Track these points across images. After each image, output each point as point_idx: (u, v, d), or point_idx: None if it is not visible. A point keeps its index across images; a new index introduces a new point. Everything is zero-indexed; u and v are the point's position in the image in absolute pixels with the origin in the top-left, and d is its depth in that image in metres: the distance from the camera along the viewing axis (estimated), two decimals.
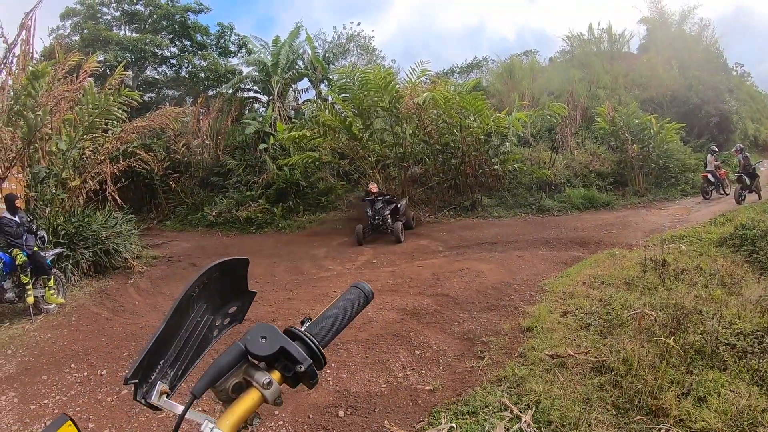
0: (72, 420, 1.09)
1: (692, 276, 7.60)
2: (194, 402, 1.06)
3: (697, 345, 5.10)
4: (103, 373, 6.91)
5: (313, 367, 1.12)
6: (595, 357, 5.30)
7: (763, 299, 6.15)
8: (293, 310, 8.78)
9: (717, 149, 19.01)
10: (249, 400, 1.07)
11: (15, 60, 13.90)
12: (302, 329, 1.19)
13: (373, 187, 15.70)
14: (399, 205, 15.12)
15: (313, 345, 1.15)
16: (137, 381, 1.07)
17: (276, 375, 1.11)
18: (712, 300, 6.38)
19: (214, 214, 21.06)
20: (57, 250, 11.19)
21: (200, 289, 1.22)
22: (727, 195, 17.12)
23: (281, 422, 5.09)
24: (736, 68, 37.19)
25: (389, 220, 14.61)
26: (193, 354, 1.21)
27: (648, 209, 16.15)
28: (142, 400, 1.08)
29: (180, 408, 1.07)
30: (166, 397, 1.11)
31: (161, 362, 1.14)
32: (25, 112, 12.24)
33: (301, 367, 1.10)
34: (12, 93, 13.03)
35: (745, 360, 4.77)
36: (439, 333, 7.04)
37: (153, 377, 1.12)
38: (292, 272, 12.04)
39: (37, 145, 13.01)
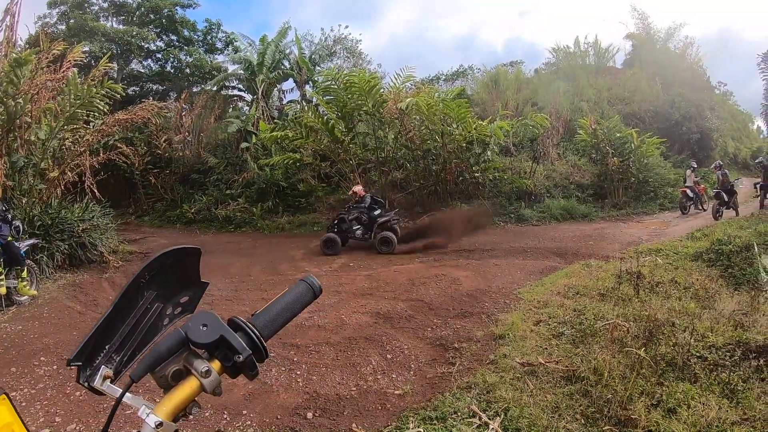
0: (6, 394, 1.05)
1: (667, 289, 7.63)
2: (133, 387, 1.06)
3: (669, 357, 5.11)
4: (73, 368, 6.80)
5: (253, 358, 1.11)
6: (566, 366, 5.28)
7: (736, 313, 6.20)
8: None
9: (696, 165, 19.21)
10: (188, 388, 1.06)
11: None
12: (246, 320, 1.17)
13: (360, 190, 15.02)
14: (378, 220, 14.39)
15: (254, 336, 1.14)
16: (80, 364, 1.08)
17: (216, 364, 1.10)
18: (686, 313, 6.40)
19: (193, 211, 21.04)
20: (32, 241, 11.04)
21: (150, 276, 1.21)
22: (704, 210, 17.28)
23: (248, 422, 5.04)
24: (718, 87, 37.82)
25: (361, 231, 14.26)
26: (141, 341, 1.20)
27: (626, 222, 16.25)
28: (85, 383, 1.08)
29: (121, 393, 1.06)
30: (110, 382, 1.10)
31: (107, 347, 1.14)
32: (5, 99, 12.12)
33: (239, 357, 1.09)
34: None
35: (716, 373, 4.78)
36: (412, 338, 7.00)
37: (97, 361, 1.12)
38: (269, 272, 12.00)
39: (16, 133, 12.84)
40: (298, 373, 6.07)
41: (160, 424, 0.99)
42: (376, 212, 14.25)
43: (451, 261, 11.73)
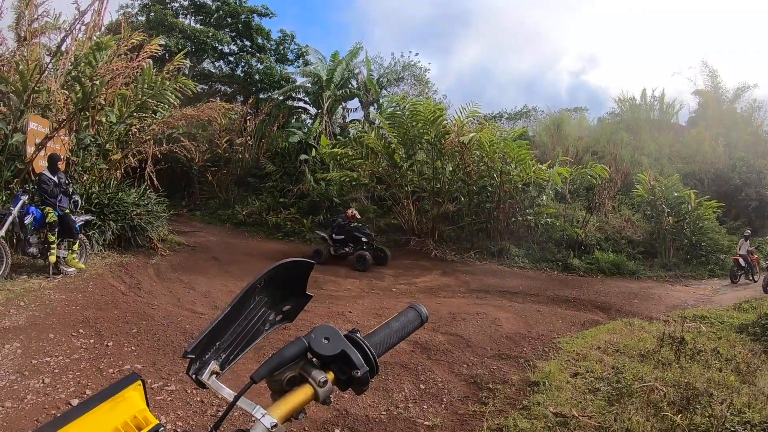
0: (142, 380, 1.13)
1: (708, 358, 7.53)
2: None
3: (703, 427, 5.09)
4: (109, 344, 7.05)
5: (368, 374, 1.16)
6: (599, 422, 5.30)
7: None
8: (307, 323, 8.86)
9: (751, 234, 18.76)
10: (302, 394, 1.11)
11: (83, 28, 14.24)
12: (361, 337, 1.23)
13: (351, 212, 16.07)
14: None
15: (370, 353, 1.19)
16: (194, 357, 1.12)
17: (330, 375, 1.15)
18: (725, 385, 6.34)
19: (244, 213, 21.34)
20: (87, 217, 11.50)
21: (265, 283, 1.27)
22: (755, 282, 16.75)
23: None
24: None
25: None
26: (245, 342, 1.26)
27: (673, 284, 15.93)
28: (193, 376, 1.13)
29: (226, 390, 1.11)
30: (215, 377, 1.15)
31: (217, 343, 1.19)
32: (83, 79, 12.54)
33: (357, 372, 1.14)
34: (74, 59, 13.34)
35: None
36: (447, 372, 7.04)
37: (208, 356, 1.16)
38: (311, 286, 12.11)
39: (88, 113, 13.31)
40: None
41: (275, 425, 1.02)
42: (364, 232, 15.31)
43: (494, 301, 11.71)
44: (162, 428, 1.09)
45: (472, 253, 17.28)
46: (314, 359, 1.17)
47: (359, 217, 15.93)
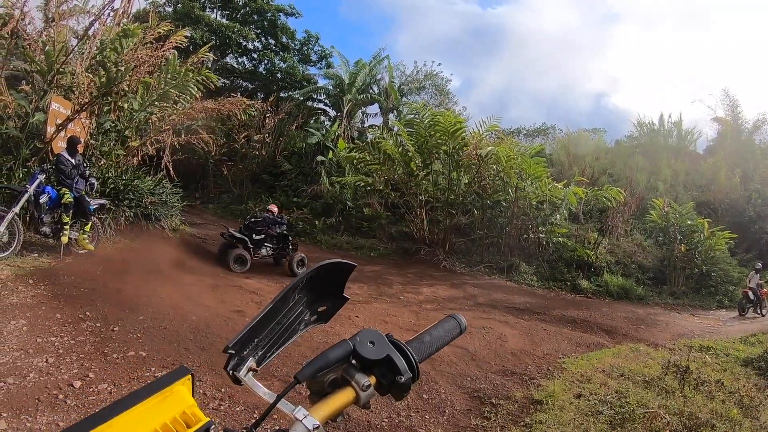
0: (193, 375, 1.14)
1: (712, 389, 7.52)
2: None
3: None
4: (115, 329, 7.05)
5: (410, 380, 1.15)
6: None
7: None
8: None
9: (762, 267, 18.63)
10: (344, 397, 1.11)
11: (111, 14, 14.34)
12: (404, 343, 1.22)
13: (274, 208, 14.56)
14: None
15: (413, 360, 1.18)
16: (233, 352, 1.14)
17: (372, 379, 1.14)
18: (727, 418, 6.31)
19: (257, 209, 21.33)
20: (102, 201, 11.55)
21: (306, 281, 1.29)
22: (763, 316, 16.69)
23: (277, 426, 5.14)
24: None
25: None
26: (282, 341, 1.28)
27: (681, 312, 15.85)
28: (230, 372, 1.14)
29: (262, 388, 1.13)
30: (252, 375, 1.17)
31: (256, 340, 1.21)
32: (107, 64, 12.63)
33: (401, 378, 1.14)
34: (99, 43, 13.44)
35: None
36: (450, 384, 7.04)
37: (246, 352, 1.18)
38: None
39: (110, 98, 13.36)
40: None
41: (317, 427, 1.02)
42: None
43: (501, 316, 11.69)
44: (213, 426, 1.09)
45: (481, 267, 17.26)
46: (356, 362, 1.16)
47: (283, 212, 15.39)
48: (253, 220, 14.00)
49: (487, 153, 16.67)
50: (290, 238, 14.10)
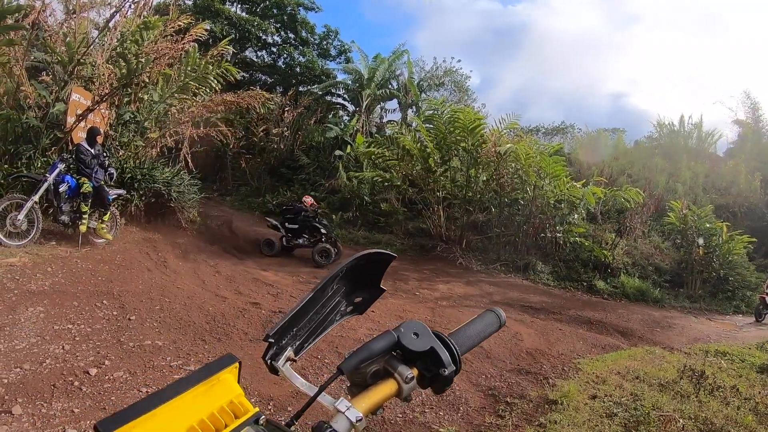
0: (240, 363, 1.12)
1: (727, 395, 7.47)
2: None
3: None
4: (132, 318, 7.15)
5: (453, 373, 1.14)
6: None
7: None
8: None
9: None
10: (386, 389, 1.10)
11: (132, 6, 14.43)
12: (447, 336, 1.20)
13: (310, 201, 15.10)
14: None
15: (456, 353, 1.17)
16: (273, 341, 1.13)
17: (415, 371, 1.13)
18: (742, 424, 6.28)
19: (274, 203, 21.40)
20: (120, 191, 11.72)
21: (346, 271, 1.28)
22: None
23: (309, 426, 5.15)
24: None
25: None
26: (320, 331, 1.27)
27: (697, 317, 15.66)
28: (269, 361, 1.14)
29: (299, 379, 1.12)
30: (289, 364, 1.16)
31: (294, 329, 1.20)
32: (128, 56, 12.71)
33: (445, 371, 1.12)
34: (120, 35, 13.52)
35: None
36: (465, 381, 7.04)
37: (285, 341, 1.17)
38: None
39: (130, 89, 13.52)
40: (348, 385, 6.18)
41: (360, 419, 1.01)
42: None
43: (516, 315, 11.66)
44: (262, 417, 1.08)
45: (497, 265, 17.21)
46: (398, 354, 1.15)
47: (317, 205, 15.50)
48: (284, 207, 15.00)
49: (506, 150, 16.61)
50: (323, 231, 14.37)
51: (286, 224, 14.47)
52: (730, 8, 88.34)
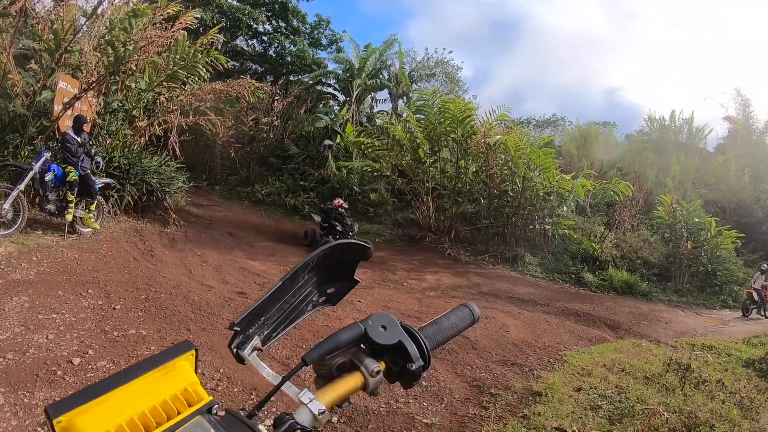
0: (197, 350, 1.13)
1: (712, 389, 7.47)
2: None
3: None
4: (117, 307, 7.10)
5: (421, 368, 1.12)
6: None
7: None
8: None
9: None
10: (352, 382, 1.08)
11: None
12: (417, 330, 1.18)
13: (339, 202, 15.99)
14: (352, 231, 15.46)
15: (425, 347, 1.15)
16: (239, 329, 1.10)
17: (382, 365, 1.11)
18: (727, 418, 6.26)
19: (263, 192, 21.36)
20: (107, 180, 11.58)
21: (318, 261, 1.24)
22: (766, 318, 16.53)
23: (274, 409, 5.12)
24: None
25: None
26: (288, 320, 1.24)
27: (684, 310, 15.76)
28: (234, 350, 1.11)
29: (266, 369, 1.09)
30: (256, 354, 1.13)
31: (262, 318, 1.17)
32: (116, 43, 12.60)
33: (412, 366, 1.10)
34: (108, 23, 13.40)
35: None
36: (450, 372, 7.03)
37: (252, 330, 1.15)
38: None
39: (118, 77, 13.39)
40: None
41: (323, 412, 0.99)
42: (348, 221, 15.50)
43: (504, 306, 11.67)
44: (216, 406, 1.06)
45: (486, 256, 17.23)
46: (365, 347, 1.14)
47: (345, 206, 15.94)
48: (322, 207, 16.58)
49: (496, 142, 16.60)
50: (338, 229, 15.21)
51: (322, 222, 15.59)
52: (727, 6, 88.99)
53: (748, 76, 76.34)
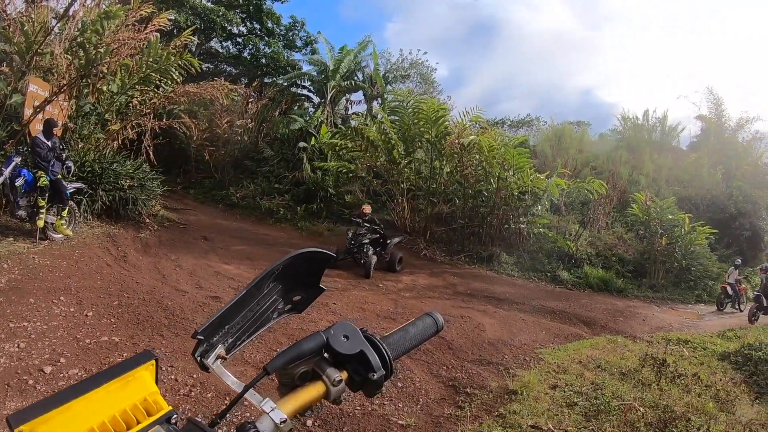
0: (157, 360, 1.11)
1: (688, 382, 7.52)
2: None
3: None
4: (89, 314, 7.03)
5: (383, 378, 1.13)
6: None
7: (753, 423, 6.13)
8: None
9: (741, 263, 18.70)
10: (314, 391, 1.08)
11: None
12: (379, 339, 1.19)
13: (367, 209, 15.32)
14: (388, 241, 14.61)
15: (387, 357, 1.15)
16: (203, 338, 1.10)
17: (344, 375, 1.12)
18: (703, 411, 6.32)
19: (238, 195, 21.24)
20: (78, 184, 11.42)
21: (282, 269, 1.24)
22: (741, 311, 16.81)
23: (248, 414, 5.09)
24: None
25: (366, 250, 13.73)
26: (253, 329, 1.23)
27: (660, 306, 15.93)
28: (198, 358, 1.11)
29: (230, 377, 1.10)
30: (220, 362, 1.13)
31: (227, 327, 1.17)
32: (87, 45, 12.48)
33: (374, 375, 1.11)
34: (80, 25, 13.27)
35: None
36: (426, 372, 7.02)
37: (215, 339, 1.14)
38: None
39: (90, 80, 13.29)
40: None
41: (285, 421, 1.00)
42: (361, 231, 14.29)
43: (480, 305, 11.68)
44: (175, 416, 1.05)
45: (462, 256, 17.27)
46: (328, 356, 1.13)
47: (368, 211, 15.34)
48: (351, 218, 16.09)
49: (470, 142, 16.65)
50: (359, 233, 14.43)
51: (351, 240, 14.46)
52: (702, 6, 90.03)
53: (720, 76, 77.15)
